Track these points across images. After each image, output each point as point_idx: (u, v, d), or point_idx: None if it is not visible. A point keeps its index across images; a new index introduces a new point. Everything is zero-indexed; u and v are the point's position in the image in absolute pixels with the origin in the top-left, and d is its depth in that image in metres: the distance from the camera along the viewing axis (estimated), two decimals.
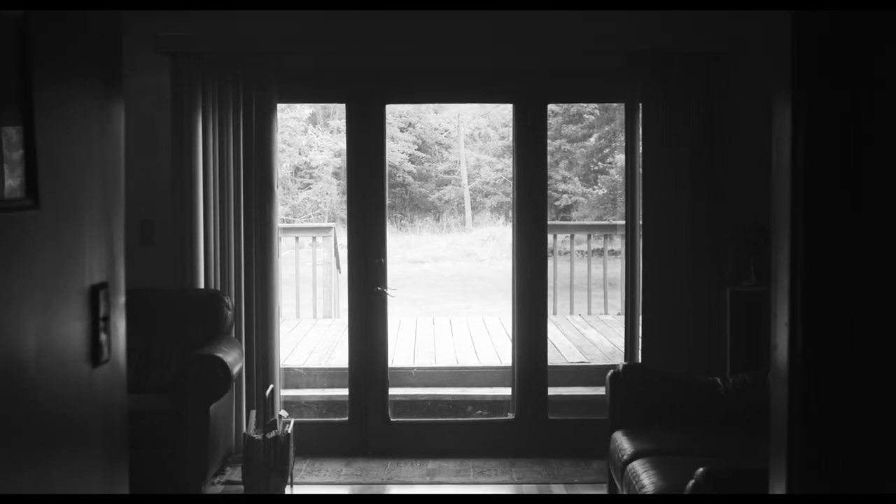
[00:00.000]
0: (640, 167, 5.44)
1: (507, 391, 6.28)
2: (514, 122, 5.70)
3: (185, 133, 5.27)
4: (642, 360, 5.44)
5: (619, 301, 7.62)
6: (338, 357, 7.64)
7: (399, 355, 7.79)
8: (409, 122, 18.88)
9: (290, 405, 6.08)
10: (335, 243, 9.96)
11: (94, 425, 1.88)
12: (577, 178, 17.41)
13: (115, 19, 2.00)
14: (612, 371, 4.63)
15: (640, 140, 5.44)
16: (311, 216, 17.56)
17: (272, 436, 4.79)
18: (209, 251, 5.35)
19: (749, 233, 5.26)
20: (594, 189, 17.28)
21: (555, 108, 15.66)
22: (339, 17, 5.28)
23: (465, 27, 5.37)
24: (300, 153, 17.84)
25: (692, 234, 5.35)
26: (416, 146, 19.03)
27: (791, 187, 1.68)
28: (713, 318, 5.36)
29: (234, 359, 4.89)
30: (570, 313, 9.58)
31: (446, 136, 19.58)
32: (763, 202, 4.02)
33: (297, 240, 10.56)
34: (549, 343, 6.04)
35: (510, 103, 5.69)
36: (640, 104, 5.40)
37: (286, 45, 5.36)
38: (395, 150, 17.81)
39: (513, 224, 5.75)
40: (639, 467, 3.85)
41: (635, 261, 5.54)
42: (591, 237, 10.04)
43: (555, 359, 7.00)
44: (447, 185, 19.39)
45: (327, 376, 6.98)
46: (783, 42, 1.72)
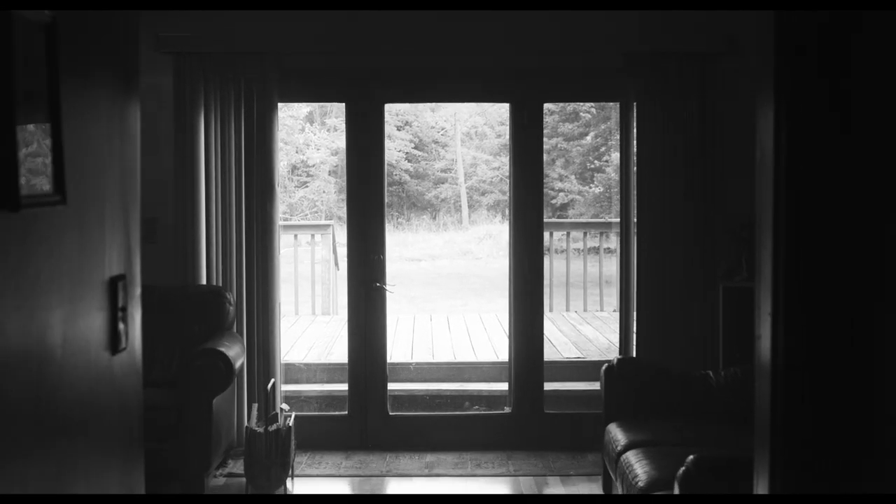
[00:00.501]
0: (635, 166, 5.53)
1: (503, 386, 6.36)
2: (510, 121, 5.78)
3: (188, 132, 5.34)
4: (636, 354, 5.53)
5: (615, 298, 7.70)
6: (337, 353, 7.71)
7: (397, 352, 7.84)
8: (406, 120, 18.88)
9: (290, 400, 6.15)
10: (333, 241, 10.01)
11: (113, 410, 1.98)
12: (573, 177, 17.45)
13: (132, 20, 2.07)
14: (607, 365, 4.73)
15: (635, 139, 5.52)
16: (307, 214, 17.57)
17: (273, 429, 4.86)
18: (211, 248, 5.42)
19: (742, 230, 5.35)
20: (590, 187, 17.33)
21: (551, 106, 15.70)
22: (340, 17, 5.36)
23: (463, 27, 5.46)
24: (297, 151, 17.86)
25: (686, 231, 5.42)
26: (413, 144, 19.03)
27: (773, 184, 1.77)
28: (706, 314, 5.44)
29: (236, 353, 4.97)
30: (567, 310, 9.65)
31: (443, 135, 19.59)
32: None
33: (295, 237, 10.60)
34: (546, 339, 6.10)
35: (507, 102, 5.78)
36: (635, 103, 5.48)
37: (287, 45, 5.44)
38: (392, 148, 17.77)
39: (509, 222, 5.82)
40: (632, 457, 3.95)
41: (630, 257, 5.63)
42: (587, 235, 10.12)
43: (551, 355, 7.06)
44: (444, 183, 19.41)
45: (327, 371, 7.07)
46: (765, 41, 1.81)
